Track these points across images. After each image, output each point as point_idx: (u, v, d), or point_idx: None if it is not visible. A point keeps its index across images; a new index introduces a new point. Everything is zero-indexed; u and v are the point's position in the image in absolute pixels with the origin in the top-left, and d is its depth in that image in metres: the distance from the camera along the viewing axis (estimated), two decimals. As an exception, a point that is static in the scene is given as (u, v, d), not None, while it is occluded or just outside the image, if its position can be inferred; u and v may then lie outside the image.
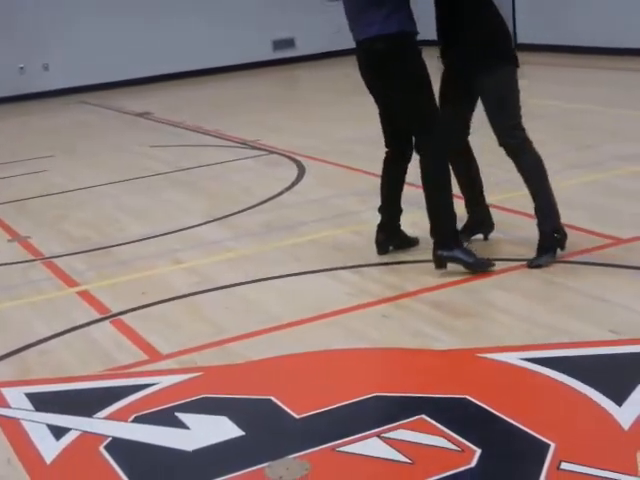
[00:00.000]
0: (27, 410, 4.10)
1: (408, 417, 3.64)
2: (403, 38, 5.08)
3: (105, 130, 12.25)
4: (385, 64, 5.09)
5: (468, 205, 5.63)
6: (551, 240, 5.21)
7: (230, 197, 7.65)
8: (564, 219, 5.28)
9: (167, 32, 16.32)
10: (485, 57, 5.06)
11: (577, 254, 5.38)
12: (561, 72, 13.39)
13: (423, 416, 3.63)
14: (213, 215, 7.07)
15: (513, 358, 4.12)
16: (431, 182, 5.20)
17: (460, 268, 5.20)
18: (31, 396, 4.23)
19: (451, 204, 5.20)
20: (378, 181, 5.68)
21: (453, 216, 5.21)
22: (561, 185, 6.89)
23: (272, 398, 3.93)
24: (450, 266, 5.20)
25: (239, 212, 7.08)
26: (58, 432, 3.86)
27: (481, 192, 5.64)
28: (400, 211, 5.65)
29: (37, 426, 3.94)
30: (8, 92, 15.52)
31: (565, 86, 12.13)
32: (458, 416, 3.66)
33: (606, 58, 13.64)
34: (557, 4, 14.72)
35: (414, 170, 5.37)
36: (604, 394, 3.70)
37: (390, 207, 5.61)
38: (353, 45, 5.31)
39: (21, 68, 15.79)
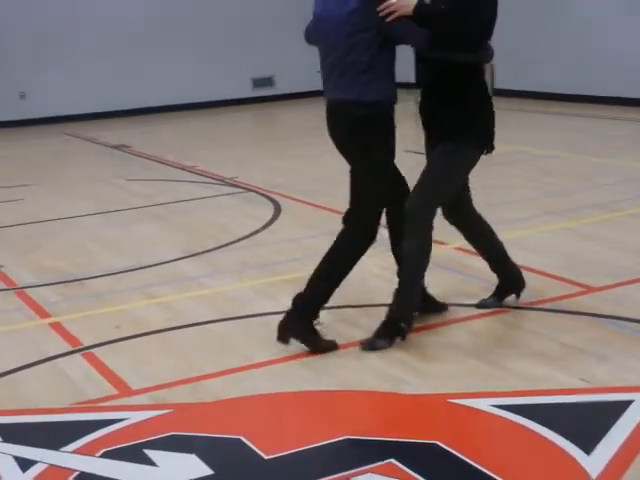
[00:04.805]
0: (-6, 441, 4.07)
1: (377, 461, 3.63)
2: (381, 108, 4.80)
3: (82, 161, 12.25)
4: (356, 132, 4.82)
5: (492, 268, 5.41)
6: (394, 329, 4.90)
7: (206, 234, 7.66)
8: (537, 265, 5.32)
9: (148, 66, 16.42)
10: (451, 137, 4.81)
11: (548, 301, 5.43)
12: (532, 118, 13.56)
13: (392, 460, 3.63)
14: (188, 251, 7.07)
15: (483, 404, 4.13)
16: (341, 257, 4.94)
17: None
18: (-1, 427, 4.21)
19: (336, 286, 4.94)
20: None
21: (328, 298, 4.95)
22: (534, 231, 6.99)
23: (242, 438, 3.91)
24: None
25: (215, 249, 7.09)
26: (25, 464, 3.83)
27: (499, 253, 5.37)
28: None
29: (4, 457, 3.91)
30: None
31: (535, 131, 12.28)
32: (427, 461, 3.66)
33: (573, 105, 13.86)
34: (527, 52, 14.97)
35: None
36: (573, 442, 3.71)
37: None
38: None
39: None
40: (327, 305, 5.02)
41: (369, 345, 4.88)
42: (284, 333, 4.88)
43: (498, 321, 5.22)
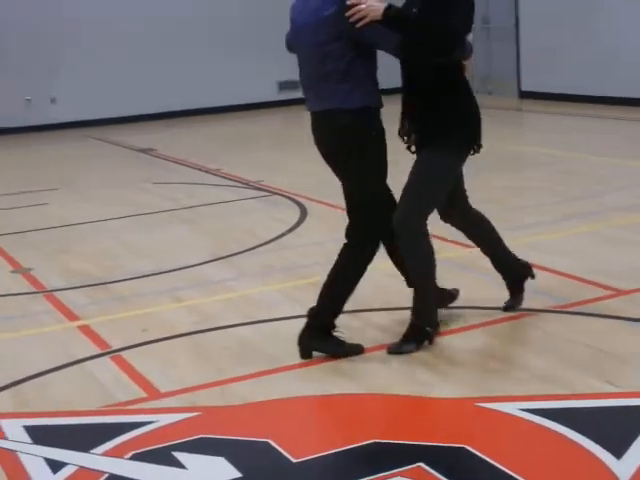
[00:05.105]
0: (25, 443, 4.10)
1: (406, 465, 3.64)
2: (365, 114, 4.72)
3: (109, 165, 12.31)
4: (343, 141, 4.74)
5: (495, 266, 5.36)
6: (421, 333, 4.90)
7: (232, 237, 7.68)
8: (563, 268, 5.28)
9: (174, 70, 16.47)
10: (434, 143, 4.76)
11: (575, 305, 5.41)
12: (559, 120, 13.51)
13: (421, 464, 3.63)
14: (215, 254, 7.10)
15: (511, 408, 4.13)
16: (344, 272, 4.91)
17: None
18: (29, 429, 4.23)
19: (346, 299, 4.91)
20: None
21: (340, 310, 4.92)
22: (559, 234, 6.96)
23: (270, 441, 3.92)
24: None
25: (241, 252, 7.11)
26: (55, 466, 3.86)
27: (501, 250, 5.33)
28: None
29: (34, 459, 3.94)
30: (14, 123, 15.63)
31: (560, 134, 12.24)
32: (456, 465, 3.66)
33: (598, 107, 13.80)
34: (558, 54, 14.89)
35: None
36: (602, 446, 3.69)
37: None
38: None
39: (28, 100, 15.89)
40: (352, 309, 5.02)
41: (396, 349, 4.88)
42: (305, 348, 4.88)
43: (524, 324, 5.21)
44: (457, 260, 6.33)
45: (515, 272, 5.35)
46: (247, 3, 16.89)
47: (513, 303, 5.35)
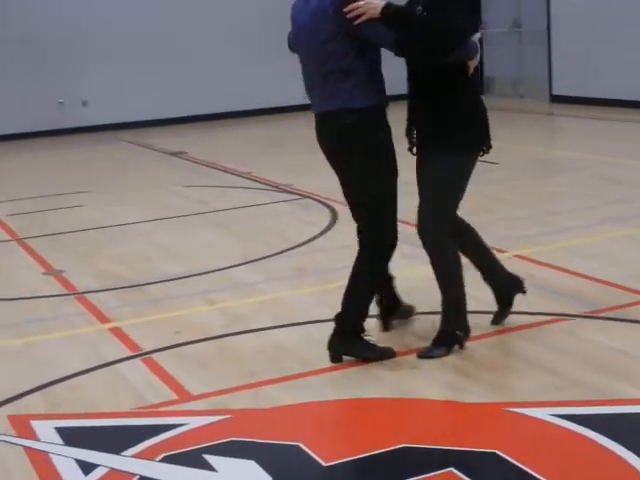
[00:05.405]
0: (56, 444, 4.12)
1: (437, 470, 3.63)
2: (370, 114, 4.67)
3: (140, 167, 12.37)
4: (348, 141, 4.69)
5: (483, 278, 5.25)
6: (451, 337, 4.88)
7: (263, 240, 7.69)
8: (599, 274, 5.24)
9: (205, 73, 16.52)
10: (441, 146, 4.70)
11: (609, 310, 5.37)
12: (591, 124, 13.43)
13: (452, 469, 3.62)
14: (246, 257, 7.11)
15: (542, 414, 4.11)
16: (362, 275, 4.85)
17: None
18: (61, 430, 4.26)
19: (370, 301, 4.90)
20: (410, 229, 5.64)
21: (366, 313, 4.88)
22: (595, 239, 6.91)
23: (300, 444, 3.92)
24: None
25: (272, 255, 7.12)
26: (86, 467, 3.88)
27: (492, 262, 5.25)
28: (391, 279, 5.26)
29: (66, 461, 3.96)
30: (47, 126, 15.74)
31: (592, 139, 12.17)
32: (487, 470, 3.65)
33: (630, 111, 13.70)
34: (590, 58, 14.80)
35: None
36: (635, 453, 3.67)
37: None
38: (392, 88, 5.08)
39: (60, 103, 16.00)
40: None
41: (426, 354, 4.87)
42: (334, 353, 4.87)
43: (557, 329, 5.17)
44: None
45: (507, 286, 5.25)
46: (279, 6, 16.87)
47: (501, 318, 5.23)
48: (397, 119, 4.88)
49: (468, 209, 5.18)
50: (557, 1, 15.40)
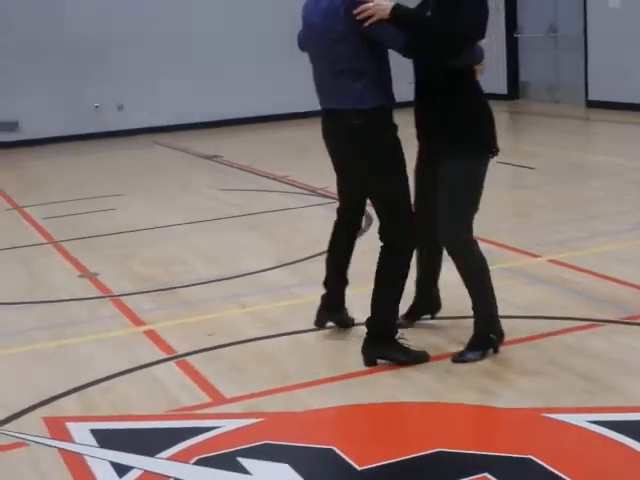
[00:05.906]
0: (91, 446, 4.14)
1: (472, 475, 3.61)
2: (379, 114, 4.70)
3: (175, 171, 12.41)
4: (357, 141, 4.71)
5: (420, 286, 5.27)
6: (485, 341, 4.86)
7: (297, 243, 7.69)
8: (634, 279, 5.19)
9: (240, 77, 16.56)
10: (448, 149, 4.71)
11: (647, 316, 5.33)
12: (627, 130, 13.33)
13: (487, 474, 3.60)
14: (280, 261, 7.11)
15: (579, 420, 4.08)
16: (386, 275, 4.86)
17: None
18: (96, 432, 4.28)
19: (398, 301, 4.87)
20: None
21: (396, 314, 4.89)
22: (629, 244, 6.85)
23: (334, 448, 3.92)
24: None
25: (306, 259, 7.11)
26: (121, 470, 3.89)
27: (436, 277, 5.28)
28: (346, 282, 5.39)
29: (100, 462, 3.98)
30: (83, 130, 15.85)
31: (628, 144, 12.07)
32: (522, 476, 3.62)
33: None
34: (626, 63, 14.69)
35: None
36: (672, 461, 3.64)
37: (338, 277, 5.36)
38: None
39: (96, 107, 16.11)
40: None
41: (460, 358, 4.85)
42: (368, 357, 4.86)
43: (593, 335, 5.13)
44: (523, 269, 6.27)
45: (427, 302, 5.30)
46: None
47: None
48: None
49: (503, 214, 5.16)
50: (593, 6, 15.30)
